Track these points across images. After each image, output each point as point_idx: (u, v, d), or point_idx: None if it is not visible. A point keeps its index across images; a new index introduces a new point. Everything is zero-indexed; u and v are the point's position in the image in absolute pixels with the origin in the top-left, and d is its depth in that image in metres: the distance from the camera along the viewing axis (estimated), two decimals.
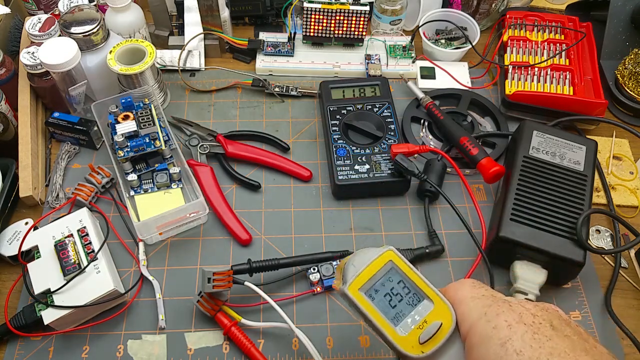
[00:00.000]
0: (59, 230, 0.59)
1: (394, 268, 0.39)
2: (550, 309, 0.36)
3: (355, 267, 0.39)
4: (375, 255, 0.39)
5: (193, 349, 0.56)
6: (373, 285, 0.38)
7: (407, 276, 0.39)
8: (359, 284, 0.38)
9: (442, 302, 0.37)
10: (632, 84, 0.76)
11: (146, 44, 0.71)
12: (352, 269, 0.39)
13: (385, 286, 0.38)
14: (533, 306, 0.35)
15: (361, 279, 0.38)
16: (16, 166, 0.66)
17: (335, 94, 0.73)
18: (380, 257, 0.39)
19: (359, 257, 0.40)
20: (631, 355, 0.57)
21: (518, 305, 0.35)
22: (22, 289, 0.59)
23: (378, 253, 0.39)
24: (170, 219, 0.60)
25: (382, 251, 0.39)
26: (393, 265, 0.39)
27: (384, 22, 0.84)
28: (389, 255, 0.39)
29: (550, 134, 0.65)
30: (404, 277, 0.39)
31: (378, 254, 0.39)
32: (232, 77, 0.80)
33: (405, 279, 0.39)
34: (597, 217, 0.68)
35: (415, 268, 0.39)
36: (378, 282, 0.39)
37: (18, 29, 0.79)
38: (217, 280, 0.54)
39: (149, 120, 0.65)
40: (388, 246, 0.40)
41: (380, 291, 0.38)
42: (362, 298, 0.38)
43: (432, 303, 0.38)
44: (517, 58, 0.78)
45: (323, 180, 0.70)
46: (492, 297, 0.36)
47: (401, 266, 0.39)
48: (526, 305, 0.35)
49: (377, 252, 0.39)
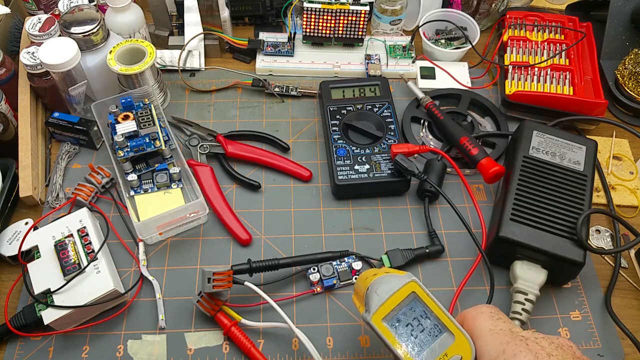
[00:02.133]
0: (59, 230, 0.59)
1: (417, 299, 0.40)
2: (565, 346, 0.36)
3: (378, 296, 0.39)
4: (398, 285, 0.40)
5: (193, 349, 0.56)
6: (396, 315, 0.39)
7: (429, 307, 0.39)
8: (382, 313, 0.39)
9: (462, 336, 0.38)
10: (632, 84, 0.76)
11: (146, 44, 0.71)
12: (375, 297, 0.39)
13: (407, 316, 0.39)
14: (549, 344, 0.36)
15: (385, 309, 0.39)
16: (16, 166, 0.66)
17: (335, 94, 0.73)
18: (404, 288, 0.40)
19: (383, 285, 0.40)
20: (631, 355, 0.57)
21: (535, 343, 0.35)
22: (22, 289, 0.59)
23: (402, 283, 0.40)
24: (170, 219, 0.60)
25: (406, 281, 0.40)
26: (416, 296, 0.40)
27: (384, 22, 0.84)
28: (412, 286, 0.40)
29: (550, 134, 0.65)
30: (426, 308, 0.39)
31: (402, 284, 0.40)
32: (232, 77, 0.80)
33: (427, 310, 0.39)
34: (597, 217, 0.68)
35: (437, 300, 0.39)
36: (401, 312, 0.39)
37: (18, 29, 0.79)
38: (217, 280, 0.54)
39: (149, 120, 0.65)
40: (410, 276, 0.40)
41: (402, 321, 0.39)
42: (385, 328, 0.39)
43: (452, 336, 0.38)
44: (517, 58, 0.78)
45: (323, 180, 0.70)
46: (510, 332, 0.37)
47: (423, 297, 0.39)
48: (542, 343, 0.36)
49: (400, 281, 0.40)
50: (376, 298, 0.39)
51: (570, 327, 0.59)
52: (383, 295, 0.39)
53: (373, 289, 0.40)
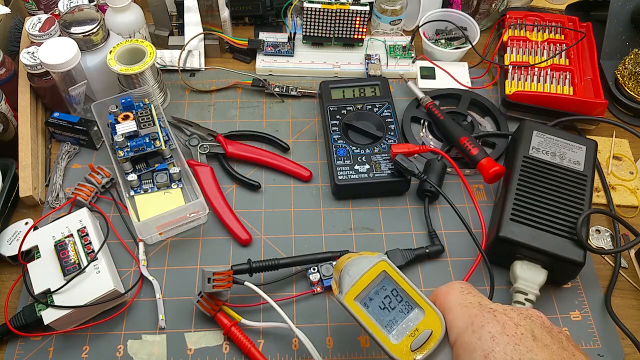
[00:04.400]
0: (59, 230, 0.59)
1: (387, 277, 0.41)
2: (534, 315, 0.36)
3: (350, 277, 0.41)
4: (369, 265, 0.41)
5: (193, 349, 0.56)
6: (368, 294, 0.40)
7: (400, 285, 0.40)
8: (354, 293, 0.40)
9: (432, 311, 0.39)
10: (632, 84, 0.76)
11: (146, 44, 0.71)
12: (347, 278, 0.41)
13: (379, 295, 0.40)
14: (517, 314, 0.36)
15: (356, 289, 0.40)
16: (16, 166, 0.66)
17: (335, 94, 0.73)
18: (375, 267, 0.41)
19: (354, 266, 0.41)
20: (631, 355, 0.57)
21: (503, 314, 0.36)
22: (22, 289, 0.59)
23: (372, 263, 0.41)
24: (170, 219, 0.60)
25: (376, 261, 0.41)
26: (386, 275, 0.41)
27: (384, 22, 0.84)
28: (382, 265, 0.41)
29: (550, 134, 0.65)
30: (396, 286, 0.40)
31: (372, 264, 0.41)
32: (232, 77, 0.80)
33: (398, 288, 0.40)
34: (597, 217, 0.68)
35: (407, 277, 0.40)
36: (372, 291, 0.40)
37: (18, 29, 0.79)
38: (217, 280, 0.54)
39: (149, 120, 0.65)
40: (381, 255, 0.41)
41: (374, 300, 0.40)
42: (358, 307, 0.40)
43: (423, 312, 0.39)
44: (517, 58, 0.78)
45: (323, 180, 0.70)
46: (479, 305, 0.37)
47: (394, 276, 0.40)
48: (510, 314, 0.36)
49: (370, 261, 0.41)
50: (348, 279, 0.41)
51: (570, 327, 0.59)
52: (354, 276, 0.40)
53: (345, 270, 0.42)
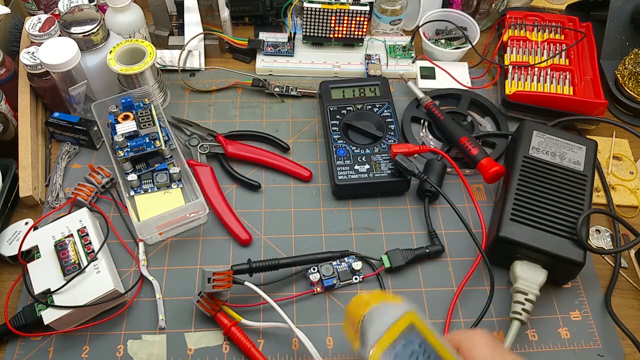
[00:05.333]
0: (59, 230, 0.59)
1: (415, 331, 0.38)
2: None
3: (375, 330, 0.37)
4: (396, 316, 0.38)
5: (193, 349, 0.56)
6: (394, 350, 0.37)
7: (428, 341, 0.37)
8: (381, 348, 0.37)
9: None
10: (632, 84, 0.76)
11: (146, 44, 0.71)
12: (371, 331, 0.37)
13: (406, 349, 0.37)
14: None
15: (382, 344, 0.37)
16: (16, 166, 0.66)
17: (335, 94, 0.73)
18: (402, 319, 0.38)
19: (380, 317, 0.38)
20: (631, 355, 0.57)
21: None
22: (22, 289, 0.59)
23: (399, 314, 0.38)
24: (170, 219, 0.60)
25: (403, 312, 0.38)
26: (414, 328, 0.38)
27: (384, 22, 0.84)
28: (411, 317, 0.38)
29: (550, 134, 0.65)
30: (423, 341, 0.37)
31: (399, 314, 0.38)
32: (232, 77, 0.80)
33: (425, 343, 0.37)
34: (597, 217, 0.68)
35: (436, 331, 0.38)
36: (399, 345, 0.37)
37: (18, 29, 0.79)
38: (217, 280, 0.54)
39: (149, 120, 0.65)
40: (408, 304, 0.39)
41: (400, 355, 0.37)
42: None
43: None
44: (517, 58, 0.78)
45: (323, 180, 0.70)
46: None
47: (422, 329, 0.38)
48: None
49: (397, 311, 0.38)
50: (372, 332, 0.37)
51: (570, 327, 0.59)
52: (380, 329, 0.37)
53: (369, 320, 0.38)
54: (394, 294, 0.44)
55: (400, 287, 0.61)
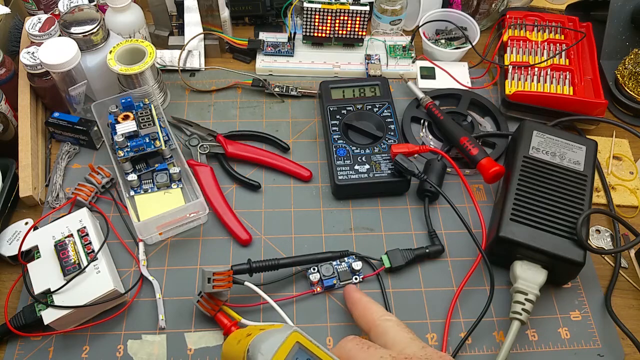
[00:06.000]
0: (59, 230, 0.59)
1: (302, 349, 0.39)
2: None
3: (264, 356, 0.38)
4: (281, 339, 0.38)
5: (193, 349, 0.56)
6: None
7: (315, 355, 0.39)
8: None
9: None
10: (632, 84, 0.76)
11: (146, 44, 0.71)
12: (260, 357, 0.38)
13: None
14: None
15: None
16: (16, 166, 0.66)
17: (335, 94, 0.73)
18: (288, 340, 0.38)
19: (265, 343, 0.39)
20: (631, 355, 0.57)
21: None
22: (22, 289, 0.59)
23: (284, 336, 0.38)
24: (170, 219, 0.60)
25: (287, 334, 0.39)
26: (300, 346, 0.39)
27: (384, 22, 0.84)
28: (295, 336, 0.39)
29: (550, 134, 0.65)
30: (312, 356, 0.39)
31: (284, 337, 0.38)
32: (232, 77, 0.80)
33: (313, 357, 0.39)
34: (597, 217, 0.68)
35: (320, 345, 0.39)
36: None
37: (18, 29, 0.79)
38: (217, 280, 0.54)
39: (149, 120, 0.65)
40: (289, 327, 0.39)
41: None
42: None
43: None
44: (517, 58, 0.78)
45: (323, 180, 0.70)
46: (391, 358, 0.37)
47: (308, 346, 0.39)
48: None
49: (282, 335, 0.39)
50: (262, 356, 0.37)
51: (570, 327, 0.59)
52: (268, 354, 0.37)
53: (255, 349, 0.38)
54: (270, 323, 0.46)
55: (400, 287, 0.61)
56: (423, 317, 0.59)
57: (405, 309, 0.60)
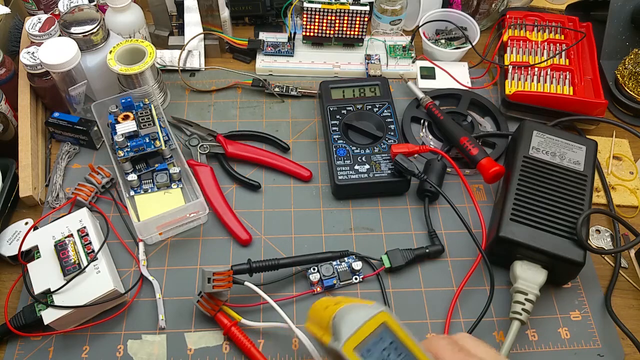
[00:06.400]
0: (59, 230, 0.59)
1: (388, 329, 0.38)
2: None
3: (349, 325, 0.38)
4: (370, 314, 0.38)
5: (193, 349, 0.56)
6: (367, 346, 0.38)
7: (400, 339, 0.38)
8: (354, 343, 0.37)
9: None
10: (632, 84, 0.76)
11: (146, 44, 0.71)
12: (345, 325, 0.38)
13: (378, 347, 0.38)
14: None
15: (356, 338, 0.37)
16: (16, 166, 0.66)
17: (335, 94, 0.73)
18: (376, 317, 0.38)
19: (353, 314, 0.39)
20: (631, 355, 0.57)
21: None
22: (22, 289, 0.59)
23: (372, 313, 0.38)
24: (170, 219, 0.60)
25: (376, 312, 0.38)
26: (386, 327, 0.38)
27: (384, 22, 0.84)
28: (384, 316, 0.38)
29: (550, 134, 0.65)
30: (396, 340, 0.38)
31: (372, 314, 0.38)
32: (232, 77, 0.80)
33: (398, 342, 0.38)
34: (597, 217, 0.68)
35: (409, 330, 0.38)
36: (371, 342, 0.38)
37: (18, 29, 0.79)
38: (217, 280, 0.54)
39: (149, 120, 0.65)
40: (380, 306, 0.39)
41: (372, 352, 0.38)
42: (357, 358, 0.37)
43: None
44: (517, 58, 0.78)
45: (323, 180, 0.70)
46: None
47: (395, 328, 0.38)
48: None
49: (369, 312, 0.39)
50: (346, 326, 0.38)
51: (570, 327, 0.59)
52: (354, 324, 0.38)
53: (342, 316, 0.39)
54: None
55: (400, 287, 0.61)
56: (423, 317, 0.59)
57: (405, 309, 0.59)
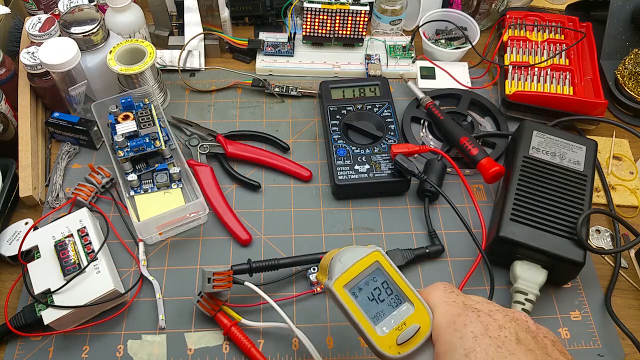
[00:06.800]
0: (59, 230, 0.59)
1: (380, 269, 0.40)
2: (519, 319, 0.36)
3: (341, 264, 0.39)
4: (362, 254, 0.40)
5: (193, 349, 0.56)
6: (357, 284, 0.39)
7: (392, 278, 0.39)
8: (344, 280, 0.39)
9: (422, 306, 0.38)
10: (632, 84, 0.76)
11: (146, 44, 0.71)
12: (338, 265, 0.40)
13: (369, 285, 0.39)
14: (502, 316, 0.35)
15: (347, 276, 0.39)
16: (16, 166, 0.66)
17: (335, 94, 0.73)
18: (367, 257, 0.40)
19: (347, 254, 0.40)
20: (631, 355, 0.57)
21: (487, 315, 0.35)
22: (22, 289, 0.59)
23: (365, 252, 0.40)
24: (170, 219, 0.60)
25: (369, 251, 0.40)
26: (379, 266, 0.40)
27: (384, 22, 0.84)
28: (376, 255, 0.40)
29: (550, 134, 0.65)
30: (388, 279, 0.39)
31: (365, 253, 0.40)
32: (232, 77, 0.80)
33: (389, 281, 0.39)
34: (597, 217, 0.68)
35: (400, 271, 0.40)
36: (362, 280, 0.39)
37: (18, 29, 0.79)
38: (217, 280, 0.54)
39: (149, 120, 0.65)
40: (375, 246, 0.41)
41: (364, 290, 0.39)
42: (346, 295, 0.39)
43: (412, 306, 0.38)
44: (517, 58, 0.78)
45: (323, 180, 0.70)
46: (462, 304, 0.37)
47: (386, 267, 0.40)
48: (495, 315, 0.35)
49: (364, 251, 0.40)
50: (339, 265, 0.39)
51: (570, 327, 0.59)
52: (346, 263, 0.39)
53: (337, 257, 0.40)
54: None
55: None
56: None
57: None
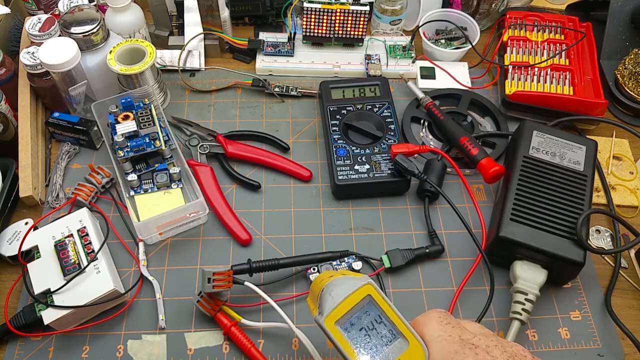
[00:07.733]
0: (59, 230, 0.59)
1: (372, 302, 0.38)
2: (517, 354, 0.35)
3: (332, 299, 0.38)
4: (353, 287, 0.38)
5: (193, 349, 0.56)
6: (349, 319, 0.38)
7: (384, 312, 0.38)
8: (335, 316, 0.37)
9: (417, 342, 0.37)
10: (632, 84, 0.76)
11: (146, 44, 0.71)
12: (329, 299, 0.38)
13: (362, 320, 0.38)
14: (500, 353, 0.34)
15: (338, 312, 0.38)
16: (16, 166, 0.66)
17: (335, 94, 0.73)
18: (359, 291, 0.38)
19: (338, 287, 0.39)
20: (631, 355, 0.57)
21: (485, 353, 0.34)
22: (22, 289, 0.59)
23: (357, 285, 0.38)
24: (170, 219, 0.60)
25: (361, 284, 0.39)
26: (371, 300, 0.38)
27: (384, 22, 0.84)
28: (368, 289, 0.38)
29: (550, 134, 0.65)
30: (380, 313, 0.38)
31: (357, 286, 0.38)
32: (232, 77, 0.80)
33: (382, 315, 0.38)
34: (597, 217, 0.68)
35: (393, 304, 0.38)
36: (354, 315, 0.38)
37: (18, 29, 0.79)
38: (217, 280, 0.54)
39: (149, 120, 0.65)
40: (366, 278, 0.39)
41: (356, 325, 0.38)
42: (338, 332, 0.37)
43: (407, 342, 0.37)
44: (517, 58, 0.78)
45: (323, 180, 0.70)
46: (459, 340, 0.36)
47: (379, 301, 0.38)
48: (493, 352, 0.34)
49: (355, 283, 0.39)
50: (330, 300, 0.38)
51: (570, 327, 0.59)
52: (337, 298, 0.38)
53: (328, 290, 0.39)
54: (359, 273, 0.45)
55: (400, 287, 0.61)
56: None
57: (405, 309, 0.59)
